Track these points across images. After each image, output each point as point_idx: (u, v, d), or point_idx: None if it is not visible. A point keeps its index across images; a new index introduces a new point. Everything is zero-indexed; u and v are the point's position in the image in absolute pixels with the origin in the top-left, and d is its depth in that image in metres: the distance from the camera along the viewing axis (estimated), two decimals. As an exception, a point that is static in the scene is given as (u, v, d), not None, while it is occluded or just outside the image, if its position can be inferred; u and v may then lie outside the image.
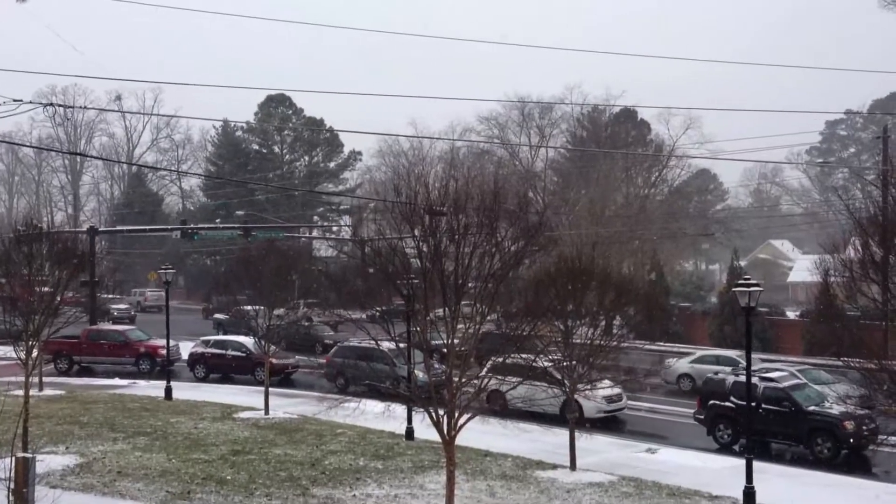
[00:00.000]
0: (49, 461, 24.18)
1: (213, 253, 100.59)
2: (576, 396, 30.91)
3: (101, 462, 24.60)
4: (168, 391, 36.76)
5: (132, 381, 43.15)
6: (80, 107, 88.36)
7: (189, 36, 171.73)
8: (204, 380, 43.62)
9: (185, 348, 47.29)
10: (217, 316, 61.41)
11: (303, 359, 44.85)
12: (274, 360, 41.70)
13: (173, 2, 79.78)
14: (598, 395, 31.84)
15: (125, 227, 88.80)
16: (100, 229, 74.20)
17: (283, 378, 42.79)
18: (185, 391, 38.33)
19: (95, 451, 26.00)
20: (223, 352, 43.71)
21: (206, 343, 45.32)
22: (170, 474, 23.22)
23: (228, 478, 22.92)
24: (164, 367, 45.27)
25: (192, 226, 72.81)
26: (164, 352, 45.02)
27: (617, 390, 33.19)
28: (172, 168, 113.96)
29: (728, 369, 34.78)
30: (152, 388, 39.36)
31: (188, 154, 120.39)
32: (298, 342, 45.52)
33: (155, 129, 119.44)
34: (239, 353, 43.14)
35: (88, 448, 26.48)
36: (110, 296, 76.79)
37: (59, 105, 45.25)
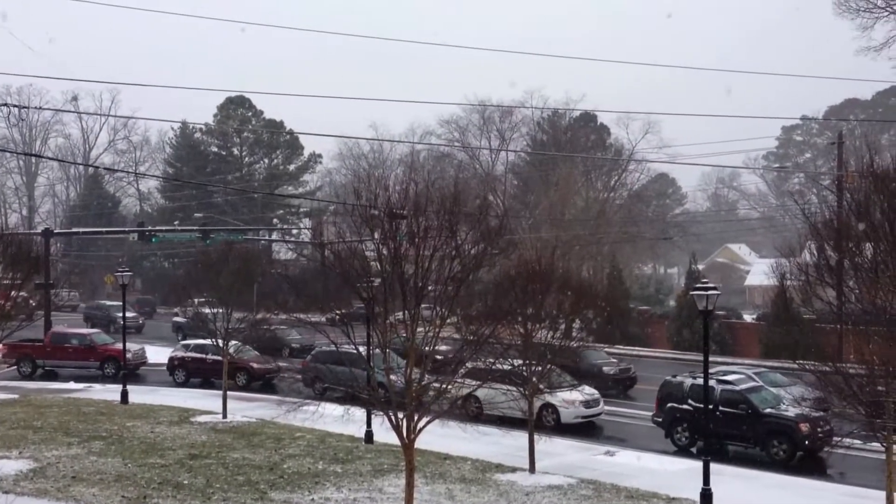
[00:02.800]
0: (1, 466, 23.97)
1: (171, 255, 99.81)
2: (552, 401, 31.15)
3: (56, 467, 24.31)
4: (124, 395, 36.40)
5: (88, 384, 42.70)
6: (36, 107, 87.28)
7: (147, 37, 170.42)
8: (184, 384, 43.30)
9: (152, 353, 47.65)
10: (176, 319, 60.93)
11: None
12: (255, 365, 41.76)
13: (131, 2, 79.34)
14: (575, 400, 31.96)
15: (81, 229, 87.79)
16: (55, 231, 73.42)
17: (264, 383, 42.64)
18: (142, 395, 37.99)
19: (49, 456, 25.68)
20: (203, 356, 42.98)
21: (187, 347, 44.86)
22: (125, 479, 22.98)
23: (185, 482, 22.73)
24: (130, 371, 45.09)
25: (149, 228, 72.12)
26: (129, 355, 45.08)
27: (594, 395, 33.29)
28: (130, 170, 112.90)
29: None
30: (108, 392, 38.98)
31: (146, 156, 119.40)
32: (265, 346, 45.22)
33: (112, 131, 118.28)
34: (219, 358, 42.62)
35: (42, 453, 26.16)
36: (116, 303, 75.25)
37: (14, 105, 44.78)
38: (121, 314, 68.86)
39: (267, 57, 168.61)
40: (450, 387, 18.51)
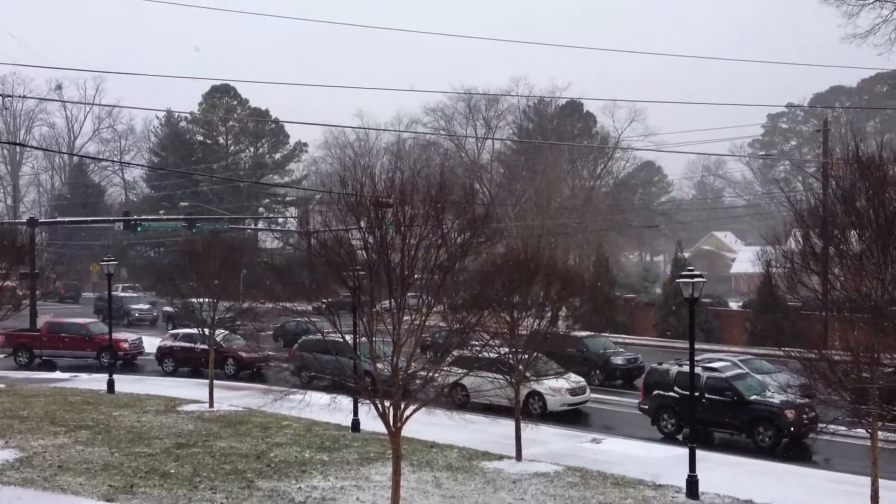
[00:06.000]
0: (-12, 456, 23.85)
1: (156, 245, 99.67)
2: (538, 389, 31.22)
3: (42, 456, 24.26)
4: (110, 384, 36.32)
5: (74, 374, 42.63)
6: (20, 96, 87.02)
7: (132, 24, 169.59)
8: (173, 373, 43.27)
9: (150, 343, 47.60)
10: (166, 309, 60.89)
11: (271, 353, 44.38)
12: (244, 354, 41.57)
13: (115, -10, 79.05)
14: (561, 388, 32.04)
15: (66, 219, 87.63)
16: (40, 220, 73.12)
17: (253, 372, 42.53)
18: (129, 384, 37.94)
19: (36, 446, 25.62)
20: (192, 345, 42.67)
21: (175, 336, 44.77)
22: (112, 468, 22.95)
23: (172, 471, 22.71)
24: (127, 361, 45.20)
25: (135, 217, 71.89)
26: (126, 345, 45.22)
27: (581, 383, 33.35)
28: (115, 159, 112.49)
29: None
30: (95, 382, 38.88)
31: (131, 144, 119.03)
32: (294, 339, 45.23)
33: (97, 119, 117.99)
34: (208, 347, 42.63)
35: (29, 442, 26.09)
36: (129, 294, 75.02)
37: (-2, 94, 44.46)
38: (136, 306, 69.88)
39: (252, 45, 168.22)
40: (436, 375, 18.52)
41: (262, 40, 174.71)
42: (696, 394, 26.27)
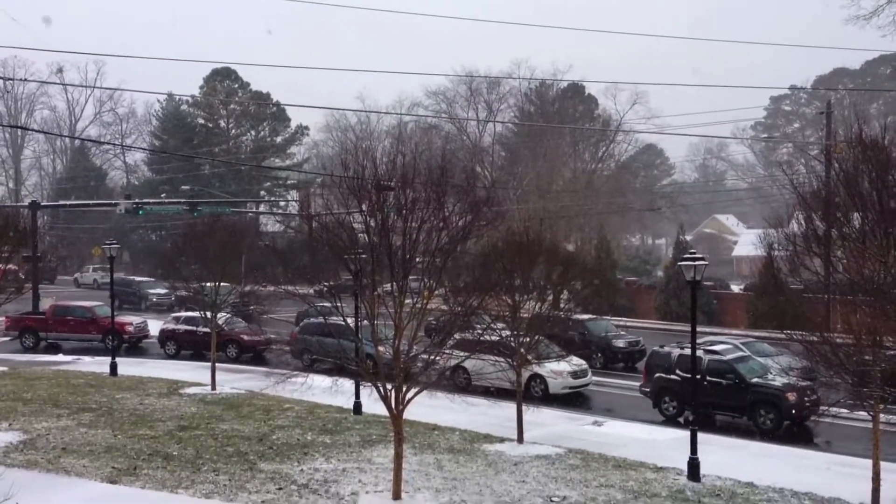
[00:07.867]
0: (-9, 438, 23.91)
1: (158, 228, 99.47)
2: (540, 372, 31.28)
3: (46, 438, 24.33)
4: (113, 367, 36.40)
5: (77, 357, 42.67)
6: (21, 79, 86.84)
7: (133, 7, 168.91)
8: (175, 356, 43.31)
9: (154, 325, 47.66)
10: (180, 293, 60.69)
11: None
12: (245, 337, 41.70)
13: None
14: (563, 371, 32.10)
15: (68, 202, 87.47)
16: (42, 204, 73.06)
17: (255, 355, 42.57)
18: (131, 367, 38.00)
19: (39, 428, 25.70)
20: (194, 328, 42.49)
21: (177, 320, 44.79)
22: (115, 450, 23.02)
23: (175, 453, 22.77)
24: (132, 344, 45.39)
25: (136, 200, 71.80)
26: (131, 328, 45.40)
27: (582, 365, 33.39)
28: (116, 142, 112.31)
29: None
30: (97, 365, 38.94)
31: (132, 128, 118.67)
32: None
33: (98, 103, 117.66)
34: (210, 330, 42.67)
35: (32, 425, 26.16)
36: (146, 279, 74.51)
37: (-1, 77, 44.41)
38: (153, 290, 69.31)
39: (253, 28, 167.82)
40: (438, 358, 18.54)
41: (263, 23, 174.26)
42: (698, 376, 26.30)
